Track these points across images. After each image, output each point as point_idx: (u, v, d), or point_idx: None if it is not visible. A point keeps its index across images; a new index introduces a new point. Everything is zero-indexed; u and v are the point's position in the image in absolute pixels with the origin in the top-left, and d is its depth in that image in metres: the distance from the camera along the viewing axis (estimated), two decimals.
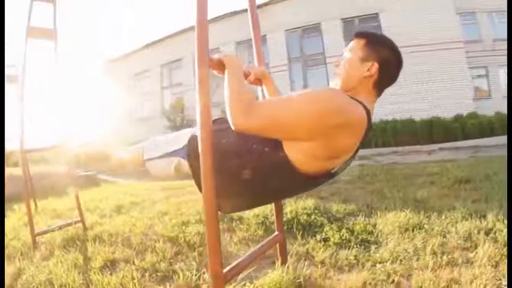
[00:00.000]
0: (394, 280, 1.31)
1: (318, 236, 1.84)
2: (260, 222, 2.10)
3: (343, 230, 1.88)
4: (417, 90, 8.97)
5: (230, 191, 1.00)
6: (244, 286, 1.32)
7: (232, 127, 0.87)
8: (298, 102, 0.85)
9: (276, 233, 1.39)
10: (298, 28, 10.49)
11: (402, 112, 8.73)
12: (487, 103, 10.19)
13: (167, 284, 1.41)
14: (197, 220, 2.33)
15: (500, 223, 1.78)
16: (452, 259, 1.45)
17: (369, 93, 0.98)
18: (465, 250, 1.56)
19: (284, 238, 1.44)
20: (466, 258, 1.47)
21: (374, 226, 1.98)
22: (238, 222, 2.17)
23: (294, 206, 2.31)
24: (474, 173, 3.38)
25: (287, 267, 1.38)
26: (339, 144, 0.88)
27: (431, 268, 1.37)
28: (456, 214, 2.02)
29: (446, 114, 8.44)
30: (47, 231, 2.20)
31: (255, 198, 1.11)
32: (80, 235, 2.19)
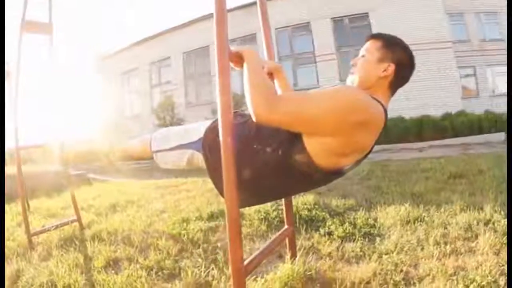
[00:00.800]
0: (402, 269, 1.34)
1: (322, 230, 1.86)
2: (262, 217, 2.10)
3: (346, 224, 1.91)
4: (406, 88, 9.10)
5: (246, 187, 0.99)
6: (254, 281, 1.32)
7: (254, 118, 0.86)
8: (323, 98, 0.86)
9: (286, 226, 1.39)
10: (288, 26, 10.50)
11: (392, 110, 8.83)
12: (474, 102, 10.50)
13: (175, 281, 1.39)
14: (197, 217, 2.31)
15: (497, 214, 1.84)
16: (455, 248, 1.50)
17: (384, 92, 1.01)
18: (466, 240, 1.60)
19: (294, 231, 1.44)
20: (469, 247, 1.51)
21: (375, 220, 2.01)
22: (240, 218, 2.16)
23: (294, 201, 2.31)
24: (467, 168, 3.47)
25: (297, 260, 1.38)
26: (359, 141, 0.90)
27: (436, 257, 1.41)
28: (454, 207, 2.07)
29: (435, 113, 8.63)
30: (44, 231, 2.13)
31: (270, 193, 1.11)
32: (77, 234, 2.14)
